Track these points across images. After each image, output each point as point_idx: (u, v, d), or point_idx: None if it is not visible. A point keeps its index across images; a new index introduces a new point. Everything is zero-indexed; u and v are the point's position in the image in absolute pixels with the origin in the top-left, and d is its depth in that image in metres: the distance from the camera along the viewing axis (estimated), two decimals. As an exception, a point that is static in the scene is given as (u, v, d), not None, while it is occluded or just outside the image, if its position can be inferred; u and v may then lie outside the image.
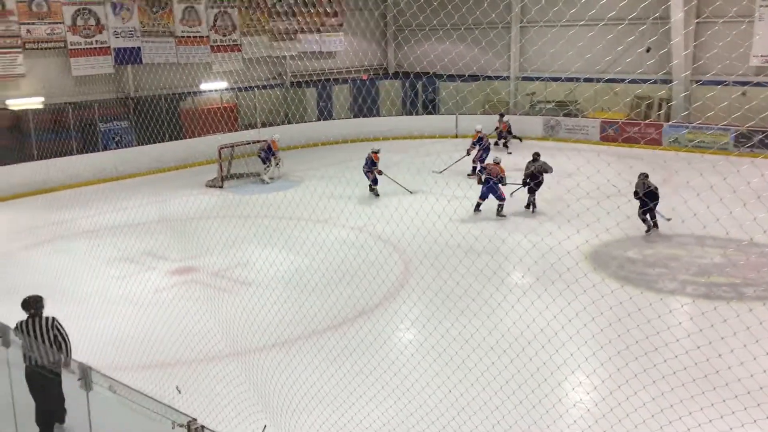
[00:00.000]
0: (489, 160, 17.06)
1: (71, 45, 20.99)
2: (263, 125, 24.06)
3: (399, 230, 13.66)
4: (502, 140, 23.23)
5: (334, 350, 8.88)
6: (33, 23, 20.13)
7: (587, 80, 22.69)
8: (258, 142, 19.86)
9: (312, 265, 12.31)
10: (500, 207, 15.20)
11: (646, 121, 23.48)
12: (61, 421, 6.50)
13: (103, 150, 20.60)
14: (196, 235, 14.35)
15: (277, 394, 7.45)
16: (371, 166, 17.28)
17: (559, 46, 19.28)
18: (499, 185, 15.12)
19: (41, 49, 20.42)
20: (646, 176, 13.57)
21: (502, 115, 23.58)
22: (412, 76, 28.25)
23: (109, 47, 21.83)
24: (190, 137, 22.13)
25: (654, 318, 8.56)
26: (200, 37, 24.09)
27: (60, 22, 20.66)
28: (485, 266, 10.91)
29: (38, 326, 6.72)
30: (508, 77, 27.40)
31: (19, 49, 19.84)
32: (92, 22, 21.41)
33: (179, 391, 7.53)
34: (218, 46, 24.63)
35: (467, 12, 13.58)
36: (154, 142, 20.67)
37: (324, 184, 17.82)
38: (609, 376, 7.61)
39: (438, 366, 8.18)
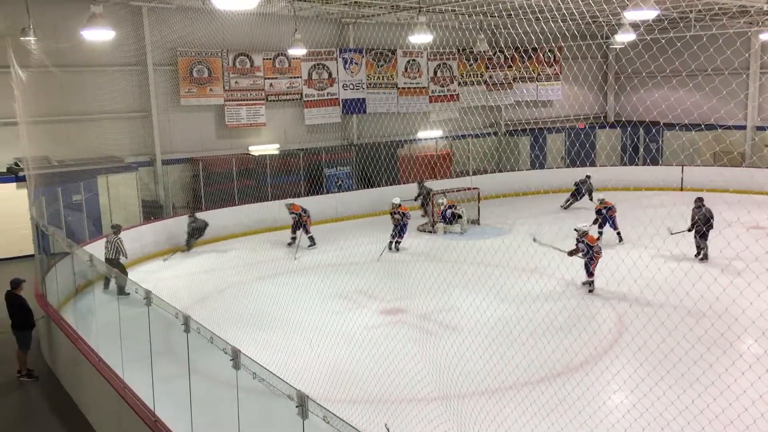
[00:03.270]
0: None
1: (306, 97, 23.11)
2: (475, 173, 24.43)
3: (612, 284, 13.05)
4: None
5: (538, 404, 8.64)
6: (275, 78, 22.50)
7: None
8: (469, 189, 20.17)
9: (518, 315, 12.12)
10: (591, 282, 13.64)
11: None
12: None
13: (326, 193, 22.20)
14: (406, 277, 14.85)
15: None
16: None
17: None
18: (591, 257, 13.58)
19: (280, 101, 22.72)
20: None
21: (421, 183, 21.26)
22: (632, 124, 27.07)
23: (338, 98, 23.72)
24: (405, 183, 23.10)
25: None
26: (420, 87, 25.28)
27: (298, 77, 22.88)
28: (710, 327, 10.00)
29: (114, 240, 13.97)
30: (743, 126, 25.20)
31: (263, 101, 22.26)
32: (325, 76, 23.43)
33: (388, 430, 7.78)
34: (436, 96, 25.65)
35: (692, 57, 12.85)
36: (372, 187, 21.92)
37: (534, 232, 17.55)
38: None
39: (651, 433, 7.61)
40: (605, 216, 17.33)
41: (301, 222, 17.62)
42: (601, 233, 16.68)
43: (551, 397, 8.77)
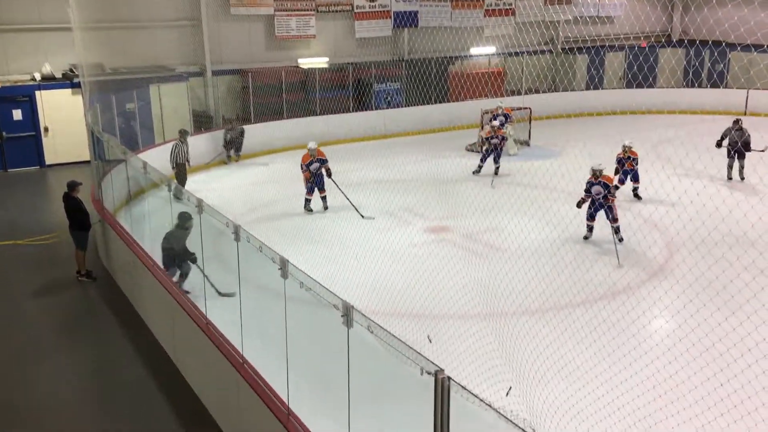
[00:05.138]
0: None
1: (357, 8, 22.59)
2: (528, 92, 23.83)
3: (662, 209, 12.84)
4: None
5: (578, 325, 8.71)
6: (326, -12, 22.00)
7: None
8: (521, 108, 19.74)
9: (564, 237, 12.09)
10: (617, 229, 11.79)
11: None
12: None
13: (375, 109, 21.99)
14: (452, 196, 14.82)
15: (524, 360, 7.55)
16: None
17: None
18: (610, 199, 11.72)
19: (331, 12, 22.27)
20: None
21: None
22: (698, 44, 25.77)
23: (389, 11, 23.12)
24: (455, 101, 22.71)
25: None
26: (475, 0, 24.40)
27: (349, -13, 22.31)
28: (759, 256, 9.84)
29: (181, 146, 14.81)
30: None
31: (313, 12, 21.87)
32: (377, -14, 22.79)
33: (430, 341, 7.97)
34: (492, 9, 24.76)
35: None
36: (422, 104, 21.62)
37: (585, 156, 17.20)
38: None
39: (688, 357, 7.63)
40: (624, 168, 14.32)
41: (321, 173, 13.94)
42: (617, 188, 13.98)
43: (591, 319, 8.82)
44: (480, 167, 16.62)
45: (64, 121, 18.79)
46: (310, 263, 9.15)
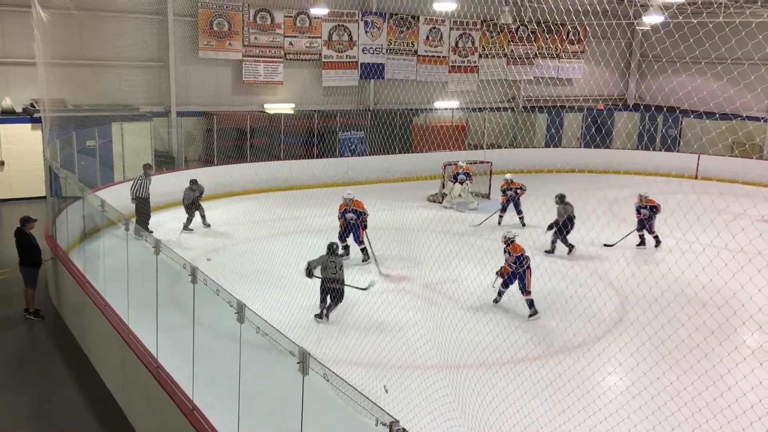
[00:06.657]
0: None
1: (325, 58, 22.95)
2: (489, 147, 24.31)
3: (617, 267, 13.08)
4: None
5: (534, 380, 8.73)
6: (295, 36, 22.33)
7: None
8: (482, 162, 20.09)
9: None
10: (529, 303, 11.27)
11: None
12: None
13: (339, 156, 22.14)
14: (412, 246, 14.88)
15: (480, 413, 7.51)
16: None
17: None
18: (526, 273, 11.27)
19: (299, 60, 22.56)
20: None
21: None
22: (653, 109, 26.75)
23: (357, 62, 23.53)
24: (418, 152, 23.02)
25: None
26: (441, 57, 25.04)
27: (318, 37, 22.69)
28: (709, 317, 10.04)
29: (144, 180, 14.65)
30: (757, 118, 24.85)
31: (281, 59, 22.12)
32: (345, 38, 23.22)
33: (386, 391, 7.87)
34: (456, 66, 25.41)
35: (724, 42, 12.61)
36: (385, 154, 21.85)
37: (543, 212, 17.55)
38: None
39: (641, 414, 7.69)
40: (647, 215, 14.92)
41: (357, 225, 13.58)
42: (642, 237, 15.08)
43: (547, 373, 8.86)
44: (501, 217, 16.95)
45: (21, 156, 18.46)
46: (268, 308, 9.04)
